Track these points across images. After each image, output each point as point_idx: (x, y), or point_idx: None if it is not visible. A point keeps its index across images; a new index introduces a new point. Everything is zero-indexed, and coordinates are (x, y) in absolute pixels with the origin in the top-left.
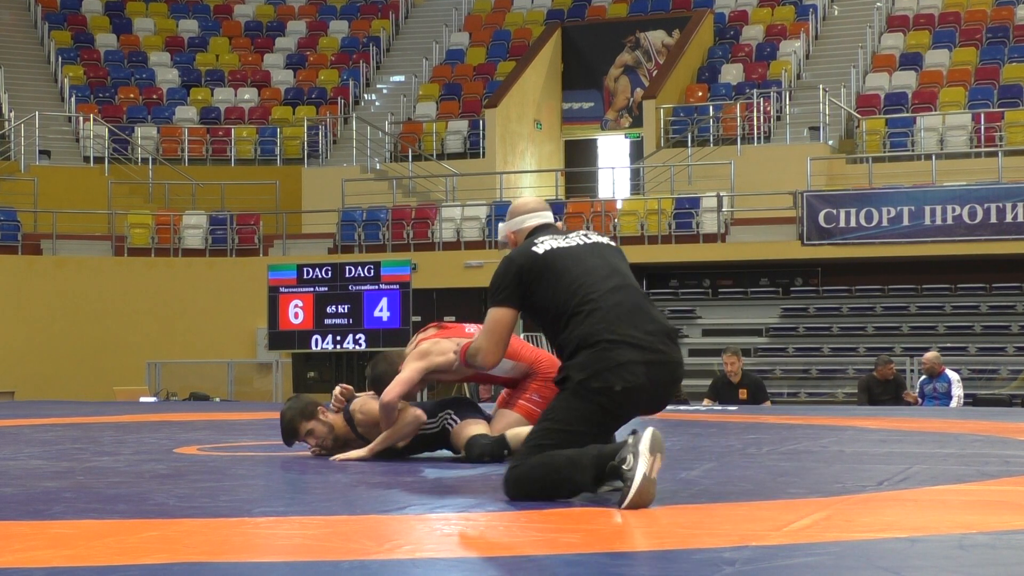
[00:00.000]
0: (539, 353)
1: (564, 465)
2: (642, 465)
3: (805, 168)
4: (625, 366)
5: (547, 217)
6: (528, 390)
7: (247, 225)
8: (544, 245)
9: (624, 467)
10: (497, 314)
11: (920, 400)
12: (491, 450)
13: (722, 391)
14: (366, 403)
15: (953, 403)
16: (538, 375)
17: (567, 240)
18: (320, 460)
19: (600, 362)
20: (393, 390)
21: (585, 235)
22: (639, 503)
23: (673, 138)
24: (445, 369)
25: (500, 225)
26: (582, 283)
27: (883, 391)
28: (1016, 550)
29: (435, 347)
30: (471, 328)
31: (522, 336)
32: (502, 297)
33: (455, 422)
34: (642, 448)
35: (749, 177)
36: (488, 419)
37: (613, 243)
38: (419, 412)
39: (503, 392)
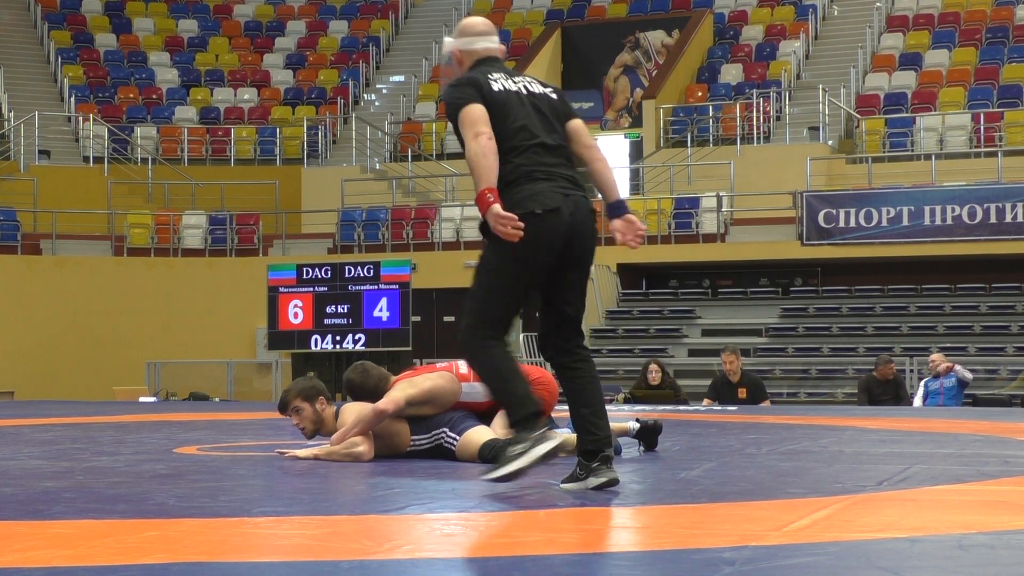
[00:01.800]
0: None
1: (504, 385)
2: (521, 462)
3: (805, 168)
4: (544, 193)
5: (495, 41)
6: None
7: (247, 225)
8: (497, 84)
9: (511, 449)
10: (466, 111)
11: (925, 399)
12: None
13: (722, 391)
14: (346, 412)
15: (961, 372)
16: (531, 382)
17: (515, 83)
18: (319, 460)
19: (522, 192)
20: (385, 407)
21: (530, 82)
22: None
23: (673, 138)
24: (427, 399)
25: (447, 40)
26: (522, 126)
27: (883, 391)
28: (1015, 550)
29: (411, 382)
30: (442, 364)
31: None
32: (464, 97)
33: (454, 440)
34: (536, 452)
35: (749, 177)
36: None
37: (555, 95)
38: (364, 451)
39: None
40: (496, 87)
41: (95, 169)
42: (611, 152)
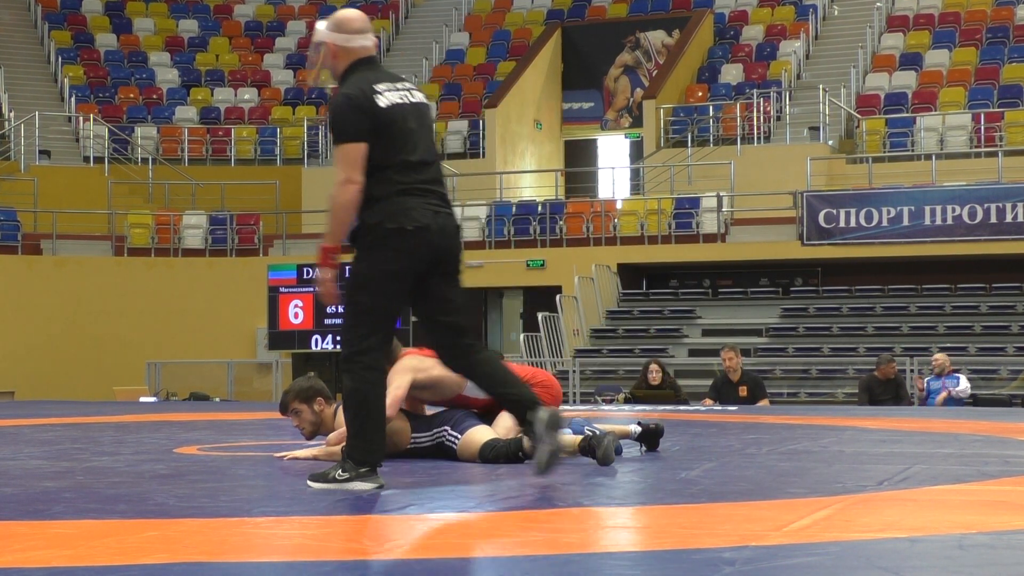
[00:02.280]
0: (522, 369)
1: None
2: (331, 486)
3: (805, 168)
4: (416, 209)
5: (371, 39)
6: None
7: (247, 225)
8: (384, 98)
9: (342, 475)
10: (350, 148)
11: (926, 397)
12: (507, 452)
13: (722, 390)
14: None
15: (963, 383)
16: (531, 384)
17: (400, 94)
18: (319, 461)
19: (395, 206)
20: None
21: (410, 91)
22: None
23: (673, 138)
24: (431, 384)
25: (319, 27)
26: (404, 143)
27: (883, 391)
28: (1015, 550)
29: (420, 363)
30: None
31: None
32: (350, 132)
33: (456, 438)
34: (357, 487)
35: (749, 177)
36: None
37: (425, 104)
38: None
39: None
40: (383, 103)
41: (95, 169)
42: (611, 152)
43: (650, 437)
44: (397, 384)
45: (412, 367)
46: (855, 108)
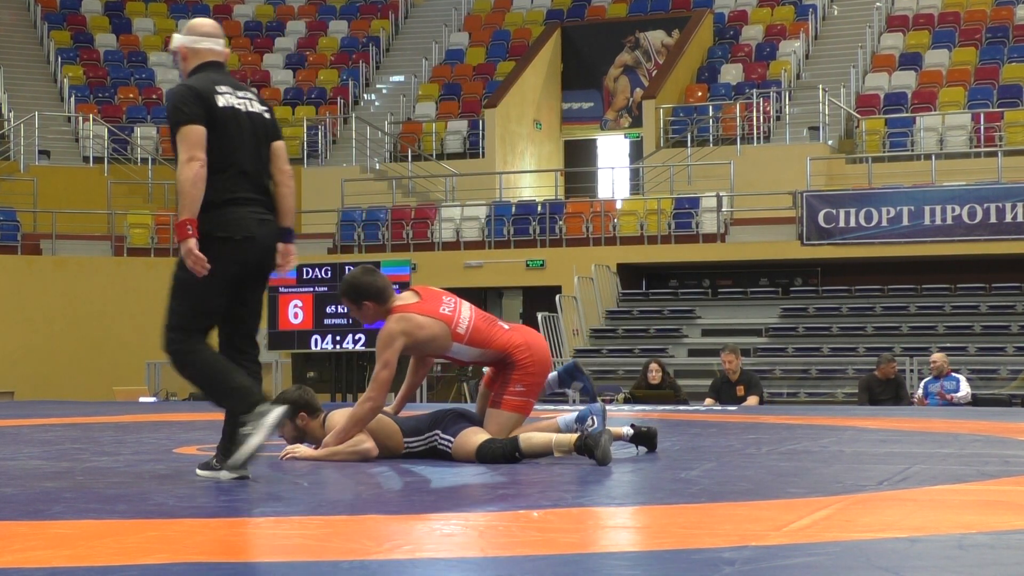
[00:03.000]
0: (511, 337)
1: (223, 378)
2: (256, 437)
3: (805, 168)
4: (244, 219)
5: (221, 44)
6: (511, 382)
7: None
8: (224, 99)
9: (242, 430)
10: (189, 130)
11: (925, 400)
12: (503, 453)
13: (721, 390)
14: (334, 417)
15: (963, 389)
16: (516, 364)
17: (240, 100)
18: (319, 462)
19: (224, 216)
20: (378, 390)
21: (250, 101)
22: (241, 471)
23: (673, 138)
24: (417, 346)
25: (176, 36)
26: (235, 148)
27: (883, 390)
28: (1015, 550)
29: (408, 324)
30: (448, 309)
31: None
32: (190, 114)
33: (449, 442)
34: (266, 422)
35: (749, 177)
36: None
37: (268, 115)
38: (370, 447)
39: (487, 389)
40: (222, 102)
41: (95, 169)
42: (611, 152)
43: (644, 439)
44: (383, 363)
45: (402, 331)
46: (855, 108)
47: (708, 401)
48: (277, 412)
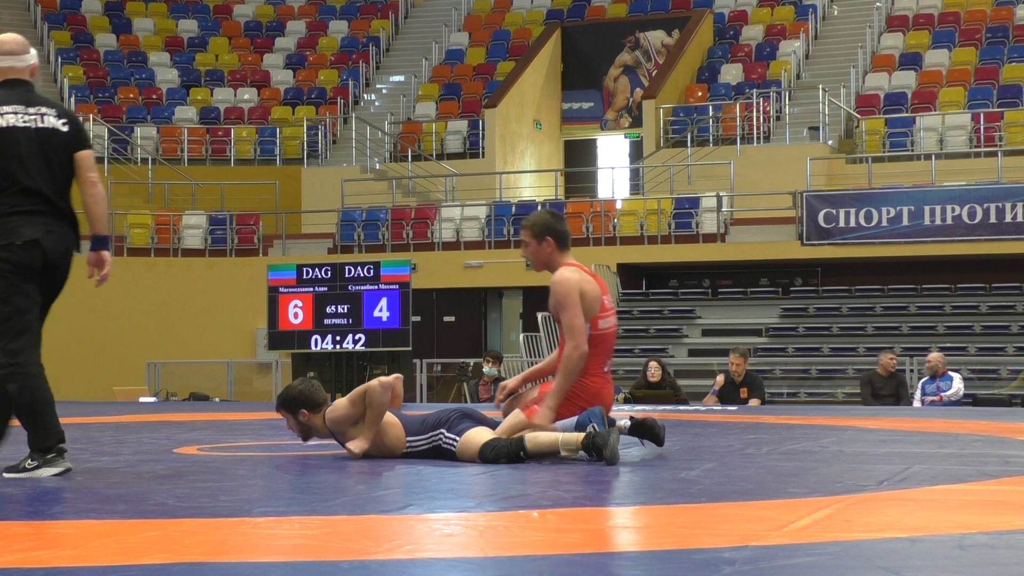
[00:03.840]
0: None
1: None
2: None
3: (805, 168)
4: (27, 226)
5: (25, 61)
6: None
7: (247, 225)
8: (5, 119)
9: (29, 461)
10: None
11: (919, 402)
12: (508, 452)
13: (725, 390)
14: (335, 409)
15: (955, 386)
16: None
17: (29, 117)
18: (319, 460)
19: (5, 225)
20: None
21: (42, 116)
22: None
23: (673, 138)
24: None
25: None
26: (17, 167)
27: (884, 386)
28: (1016, 550)
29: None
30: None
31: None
32: None
33: (454, 441)
34: (43, 471)
35: (749, 177)
36: (490, 424)
37: (68, 127)
38: (361, 446)
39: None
40: (2, 123)
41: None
42: (611, 152)
43: (642, 430)
44: (573, 312)
45: (578, 281)
46: (855, 108)
47: (711, 399)
48: (59, 469)
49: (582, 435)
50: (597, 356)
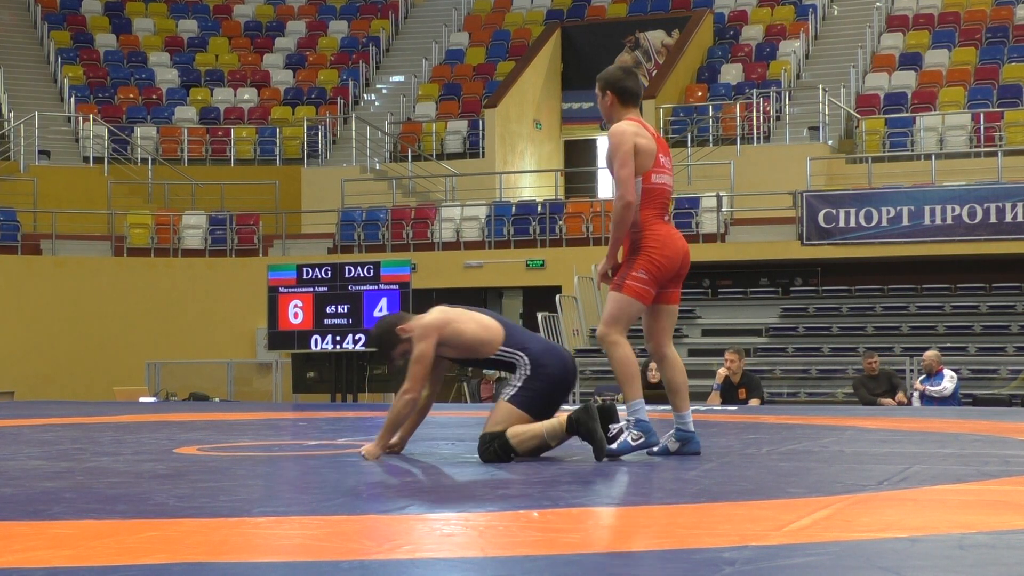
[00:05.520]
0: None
1: None
2: None
3: (805, 168)
4: None
5: None
6: (635, 266)
7: (247, 225)
8: None
9: None
10: None
11: (919, 400)
12: (496, 454)
13: (724, 391)
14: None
15: (943, 384)
16: (643, 248)
17: None
18: (319, 461)
19: None
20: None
21: None
22: None
23: (673, 138)
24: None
25: None
26: None
27: (876, 386)
28: (1016, 550)
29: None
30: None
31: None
32: None
33: (523, 376)
34: None
35: (749, 177)
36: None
37: None
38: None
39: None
40: None
41: (95, 169)
42: None
43: (601, 414)
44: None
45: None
46: (855, 108)
47: (714, 396)
48: None
49: (564, 416)
50: (651, 207)
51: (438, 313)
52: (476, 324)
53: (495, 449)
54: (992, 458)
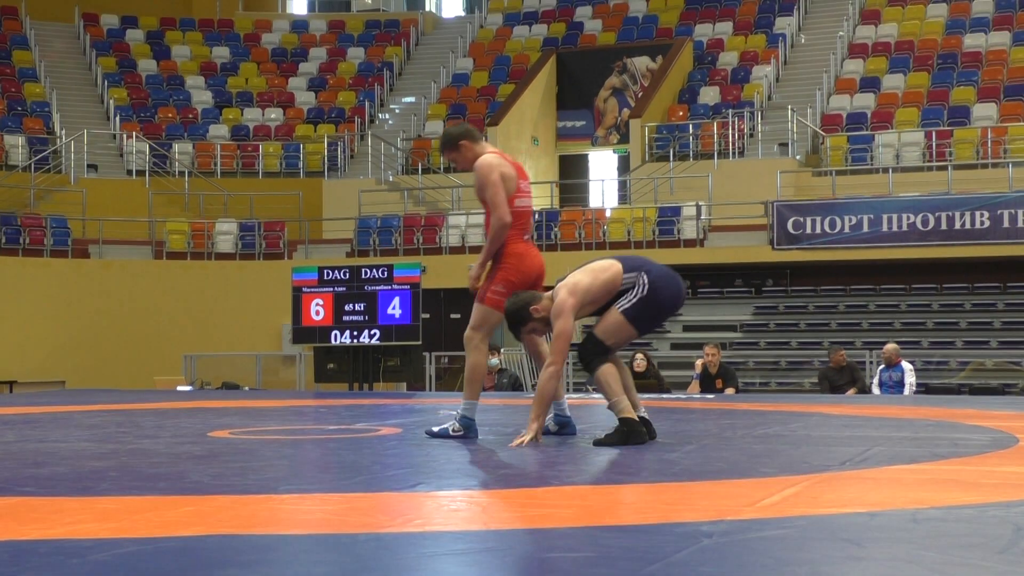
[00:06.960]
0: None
1: None
2: None
3: (775, 180)
4: None
5: None
6: (495, 280)
7: (273, 231)
8: None
9: None
10: None
11: (879, 389)
12: (592, 353)
13: (703, 381)
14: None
15: (906, 390)
16: (502, 265)
17: None
18: (338, 443)
19: None
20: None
21: None
22: None
23: (657, 153)
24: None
25: None
26: None
27: (839, 377)
28: (964, 523)
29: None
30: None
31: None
32: None
33: (629, 298)
34: None
35: (725, 188)
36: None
37: None
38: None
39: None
40: None
41: (137, 181)
42: (601, 165)
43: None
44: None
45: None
46: (820, 126)
47: (695, 387)
48: None
49: (626, 416)
50: (514, 228)
51: (564, 292)
52: (591, 275)
53: (591, 351)
54: (943, 441)
